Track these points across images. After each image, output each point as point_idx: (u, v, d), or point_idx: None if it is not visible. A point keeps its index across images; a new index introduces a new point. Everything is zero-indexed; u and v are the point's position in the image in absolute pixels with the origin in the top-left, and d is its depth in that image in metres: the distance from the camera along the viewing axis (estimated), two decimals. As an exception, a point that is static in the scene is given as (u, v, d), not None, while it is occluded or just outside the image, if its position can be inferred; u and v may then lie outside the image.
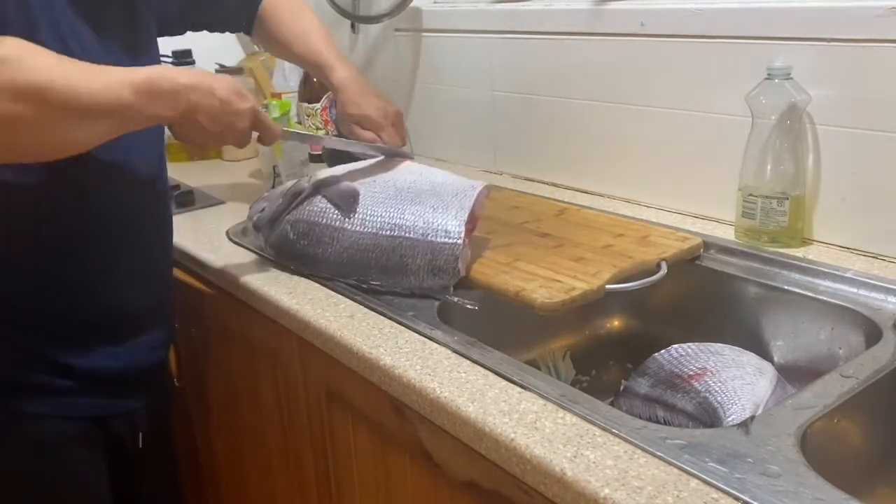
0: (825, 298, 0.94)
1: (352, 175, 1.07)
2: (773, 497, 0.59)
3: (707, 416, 0.86)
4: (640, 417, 0.89)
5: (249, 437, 1.24)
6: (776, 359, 0.99)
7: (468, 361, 0.81)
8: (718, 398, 0.85)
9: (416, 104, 1.69)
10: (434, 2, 1.62)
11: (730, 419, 0.82)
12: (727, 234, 1.10)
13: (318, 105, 1.48)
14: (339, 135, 1.24)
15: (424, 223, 0.98)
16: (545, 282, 0.94)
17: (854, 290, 0.94)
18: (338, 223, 1.00)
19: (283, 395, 1.10)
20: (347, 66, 1.20)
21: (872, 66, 0.96)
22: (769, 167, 1.04)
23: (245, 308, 1.07)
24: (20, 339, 0.92)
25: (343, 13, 1.74)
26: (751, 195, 1.05)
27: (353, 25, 1.81)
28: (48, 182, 0.89)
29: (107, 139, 0.83)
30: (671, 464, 0.63)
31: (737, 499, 0.59)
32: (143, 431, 1.06)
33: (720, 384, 0.87)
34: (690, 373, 0.91)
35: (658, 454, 0.64)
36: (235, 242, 1.21)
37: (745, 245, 1.06)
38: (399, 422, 0.85)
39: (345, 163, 1.14)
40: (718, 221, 1.16)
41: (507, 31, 1.43)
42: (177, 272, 1.19)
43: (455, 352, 0.83)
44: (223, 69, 1.86)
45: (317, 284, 1.02)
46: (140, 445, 1.05)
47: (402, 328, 0.89)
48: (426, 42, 1.64)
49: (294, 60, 1.30)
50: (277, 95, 1.61)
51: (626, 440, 0.67)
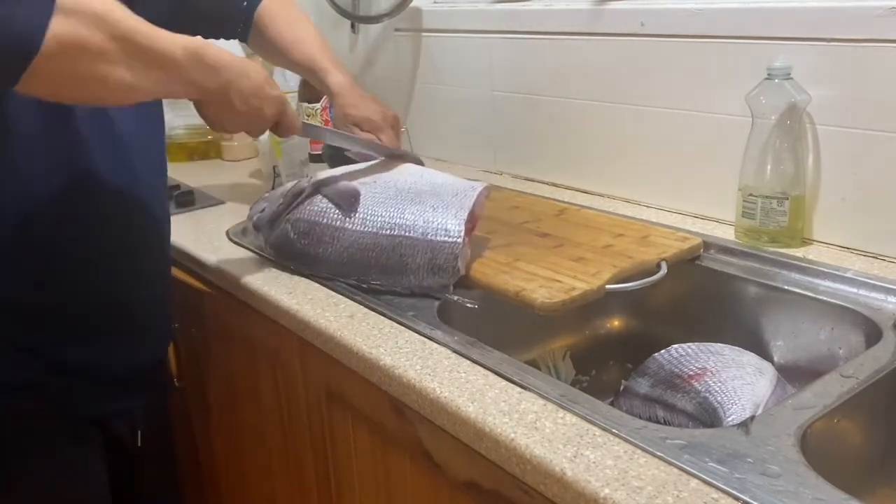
0: (825, 298, 0.94)
1: (352, 175, 1.07)
2: (773, 497, 0.59)
3: (707, 416, 0.86)
4: (640, 417, 0.89)
5: (249, 437, 1.24)
6: (776, 359, 0.99)
7: (468, 361, 0.81)
8: (718, 398, 0.85)
9: (416, 104, 1.69)
10: (434, 2, 1.62)
11: (730, 419, 0.82)
12: (727, 234, 1.10)
13: (319, 105, 1.48)
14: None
15: (424, 222, 0.98)
16: (545, 282, 0.94)
17: (854, 290, 0.94)
18: (338, 223, 1.00)
19: (283, 395, 1.09)
20: (343, 71, 1.20)
21: (872, 66, 0.96)
22: (769, 167, 1.04)
23: (245, 308, 1.07)
24: (20, 339, 0.92)
25: (343, 13, 1.74)
26: (751, 195, 1.05)
27: (353, 25, 1.81)
28: (48, 182, 0.89)
29: (150, 94, 0.86)
30: (671, 464, 0.63)
31: (737, 499, 0.59)
32: (143, 431, 1.06)
33: (720, 384, 0.87)
34: (690, 373, 0.91)
35: (658, 454, 0.64)
36: (235, 242, 1.21)
37: (745, 245, 1.06)
38: (399, 422, 0.84)
39: (345, 164, 1.14)
40: (718, 221, 1.16)
41: (507, 31, 1.43)
42: (176, 272, 1.19)
43: (455, 352, 0.83)
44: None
45: (317, 284, 1.02)
46: (139, 445, 1.05)
47: (402, 328, 0.89)
48: (426, 42, 1.64)
49: (290, 66, 1.30)
50: (277, 95, 1.61)
51: (626, 440, 0.66)
